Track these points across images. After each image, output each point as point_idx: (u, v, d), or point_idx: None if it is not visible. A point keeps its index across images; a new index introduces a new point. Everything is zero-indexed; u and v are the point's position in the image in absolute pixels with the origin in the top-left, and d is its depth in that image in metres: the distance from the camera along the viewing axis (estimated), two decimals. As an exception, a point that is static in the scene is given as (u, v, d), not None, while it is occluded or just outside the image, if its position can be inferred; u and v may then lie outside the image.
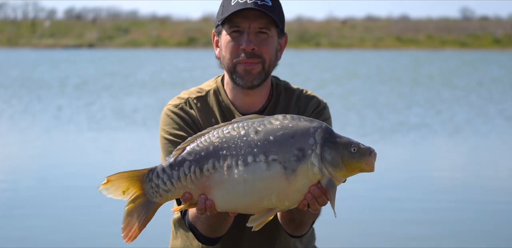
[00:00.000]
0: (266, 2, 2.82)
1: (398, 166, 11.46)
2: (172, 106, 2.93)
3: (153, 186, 2.48)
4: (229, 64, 2.85)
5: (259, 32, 2.82)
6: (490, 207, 8.81)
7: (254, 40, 2.81)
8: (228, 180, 2.41)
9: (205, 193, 2.45)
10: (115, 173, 2.47)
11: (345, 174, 2.42)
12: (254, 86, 2.85)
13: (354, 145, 2.41)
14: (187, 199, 2.47)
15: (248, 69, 2.82)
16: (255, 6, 2.79)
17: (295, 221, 2.75)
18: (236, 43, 2.82)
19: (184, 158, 2.46)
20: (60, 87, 26.99)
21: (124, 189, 2.48)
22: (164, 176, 2.47)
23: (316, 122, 2.45)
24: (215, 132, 2.46)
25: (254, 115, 2.51)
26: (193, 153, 2.45)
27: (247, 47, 2.79)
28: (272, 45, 2.85)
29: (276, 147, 2.39)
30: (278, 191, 2.40)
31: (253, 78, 2.84)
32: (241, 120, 2.48)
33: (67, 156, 12.22)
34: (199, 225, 2.73)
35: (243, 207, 2.45)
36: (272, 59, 2.86)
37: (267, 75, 2.88)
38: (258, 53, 2.82)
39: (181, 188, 2.46)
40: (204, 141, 2.46)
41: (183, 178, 2.46)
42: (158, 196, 2.48)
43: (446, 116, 18.02)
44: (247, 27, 2.81)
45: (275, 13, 2.83)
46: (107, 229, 7.61)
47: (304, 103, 2.97)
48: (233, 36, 2.83)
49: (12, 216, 8.25)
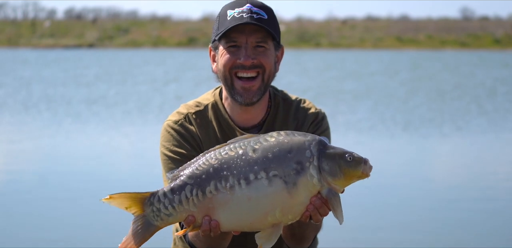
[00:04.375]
0: (262, 15, 2.82)
1: (397, 165, 11.46)
2: (172, 122, 2.95)
3: (154, 210, 2.52)
4: (227, 78, 2.85)
5: (256, 46, 2.82)
6: (490, 207, 8.82)
7: (252, 54, 2.81)
8: (232, 200, 2.45)
9: (209, 214, 2.48)
10: (118, 193, 2.52)
11: (343, 182, 2.49)
12: (253, 103, 2.87)
13: (349, 155, 2.48)
14: (191, 222, 2.50)
15: (247, 87, 2.83)
16: (251, 20, 2.78)
17: (296, 236, 2.78)
18: (233, 56, 2.82)
19: (184, 182, 2.49)
20: (61, 87, 27.00)
21: (126, 206, 2.53)
22: (166, 200, 2.50)
23: (310, 136, 2.51)
24: (212, 154, 2.50)
25: (249, 135, 2.55)
26: (193, 176, 2.49)
27: (246, 61, 2.80)
28: (271, 57, 2.86)
29: (275, 163, 2.45)
30: (281, 206, 2.45)
31: (252, 95, 2.85)
32: (236, 140, 2.53)
33: (68, 156, 12.22)
34: (199, 244, 2.76)
35: (248, 224, 2.49)
36: (271, 70, 2.86)
37: (266, 87, 2.88)
38: (258, 64, 2.82)
39: (183, 211, 2.50)
40: (202, 164, 2.50)
41: (185, 201, 2.49)
42: (159, 220, 2.52)
43: (447, 115, 18.03)
44: (244, 42, 2.81)
45: (270, 26, 2.83)
46: (108, 229, 7.61)
47: (302, 114, 2.99)
48: (231, 50, 2.83)
49: (12, 216, 8.25)
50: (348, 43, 77.21)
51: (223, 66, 2.84)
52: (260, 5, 2.86)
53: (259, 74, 2.84)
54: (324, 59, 52.98)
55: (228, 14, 2.83)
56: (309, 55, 57.81)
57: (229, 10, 2.84)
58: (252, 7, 2.83)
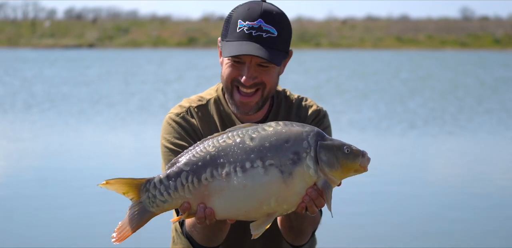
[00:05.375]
0: (272, 33, 2.77)
1: (398, 165, 11.47)
2: (174, 115, 2.95)
3: (150, 196, 2.53)
4: (228, 87, 2.86)
5: (260, 65, 2.80)
6: (490, 207, 8.82)
7: (254, 72, 2.80)
8: (228, 187, 2.45)
9: (204, 202, 2.49)
10: (114, 178, 2.54)
11: (341, 175, 2.49)
12: (249, 115, 2.89)
13: (347, 147, 2.49)
14: (186, 209, 2.50)
15: (245, 102, 2.84)
16: (259, 40, 2.74)
17: (294, 229, 2.78)
18: (236, 72, 2.81)
19: (181, 168, 2.51)
20: (62, 87, 27.03)
21: (124, 191, 2.54)
22: (161, 187, 2.51)
23: (308, 127, 2.51)
24: (210, 142, 2.51)
25: (248, 124, 2.55)
26: (190, 163, 2.50)
27: (247, 82, 2.79)
28: (274, 73, 2.84)
29: (272, 152, 2.45)
30: (276, 195, 2.45)
31: (248, 110, 2.86)
32: (234, 129, 2.53)
33: (67, 156, 12.23)
34: (196, 235, 2.76)
35: (243, 213, 2.49)
36: (272, 85, 2.85)
37: (265, 102, 2.88)
38: (259, 82, 2.82)
39: (179, 198, 2.50)
40: (200, 151, 2.51)
41: (180, 188, 2.49)
42: (155, 206, 2.53)
43: (446, 116, 18.04)
44: (249, 61, 2.79)
45: (279, 43, 2.79)
46: (108, 229, 7.60)
47: (304, 112, 3.00)
48: (234, 65, 2.81)
49: (12, 216, 8.26)
50: (348, 43, 77.26)
51: (226, 76, 2.85)
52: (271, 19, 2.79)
53: (259, 90, 2.84)
54: (324, 59, 53.01)
55: (239, 25, 2.78)
56: (309, 55, 57.84)
57: (240, 20, 2.79)
58: (263, 23, 2.77)
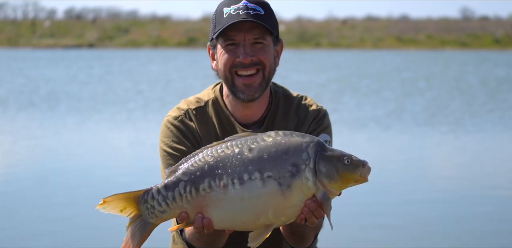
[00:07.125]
0: (258, 11, 2.81)
1: (398, 165, 11.46)
2: (172, 118, 2.94)
3: (148, 208, 2.52)
4: (227, 77, 2.85)
5: (254, 43, 2.81)
6: (491, 207, 8.81)
7: (250, 51, 2.81)
8: (225, 199, 2.44)
9: (202, 212, 2.48)
10: (111, 195, 2.52)
11: (340, 186, 2.46)
12: (255, 99, 2.86)
13: (347, 157, 2.45)
14: (184, 219, 2.50)
15: (248, 83, 2.83)
16: (248, 17, 2.77)
17: (296, 235, 2.78)
18: (232, 55, 2.82)
19: (179, 178, 2.49)
20: (62, 86, 27.02)
21: (121, 208, 2.54)
22: (159, 197, 2.50)
23: (308, 137, 2.48)
24: (209, 151, 2.49)
25: (247, 133, 2.54)
26: (188, 173, 2.48)
27: (245, 59, 2.79)
28: (270, 52, 2.85)
29: (270, 164, 2.43)
30: (274, 208, 2.43)
31: (254, 91, 2.85)
32: (233, 138, 2.51)
33: (68, 155, 12.22)
34: (195, 242, 2.76)
35: (241, 224, 2.48)
36: (271, 65, 2.86)
37: (267, 83, 2.88)
38: (257, 61, 2.82)
39: (177, 208, 2.50)
40: (198, 160, 2.49)
41: (178, 198, 2.49)
42: (153, 217, 2.52)
43: (448, 114, 18.04)
44: (242, 39, 2.80)
45: (268, 21, 2.82)
46: (108, 229, 7.60)
47: (303, 111, 2.97)
48: (229, 48, 2.82)
49: (12, 216, 8.25)
50: (348, 43, 77.25)
51: (223, 65, 2.84)
52: (256, 1, 2.84)
53: (259, 71, 2.84)
54: (324, 59, 53.00)
55: (224, 12, 2.82)
56: (309, 55, 57.83)
57: (225, 7, 2.84)
58: (248, 3, 2.82)
